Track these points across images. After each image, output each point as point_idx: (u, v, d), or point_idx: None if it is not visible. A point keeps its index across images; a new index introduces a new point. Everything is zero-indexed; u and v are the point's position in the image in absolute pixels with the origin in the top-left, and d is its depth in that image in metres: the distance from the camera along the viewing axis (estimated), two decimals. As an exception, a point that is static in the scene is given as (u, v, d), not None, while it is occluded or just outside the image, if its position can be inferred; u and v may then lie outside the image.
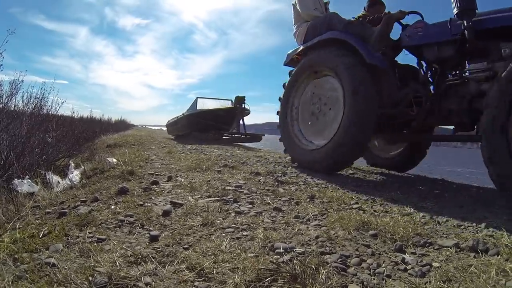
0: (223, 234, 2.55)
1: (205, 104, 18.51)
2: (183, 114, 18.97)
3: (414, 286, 1.84)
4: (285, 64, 6.54)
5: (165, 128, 23.56)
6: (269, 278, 1.82)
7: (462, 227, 2.95)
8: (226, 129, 17.17)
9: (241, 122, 17.49)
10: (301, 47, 5.95)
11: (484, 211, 3.54)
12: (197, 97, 18.39)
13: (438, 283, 1.84)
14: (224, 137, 16.86)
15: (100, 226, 2.70)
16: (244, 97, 16.49)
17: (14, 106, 6.53)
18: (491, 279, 1.83)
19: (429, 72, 5.12)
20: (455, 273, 1.95)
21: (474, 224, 3.02)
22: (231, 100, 18.38)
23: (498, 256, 2.21)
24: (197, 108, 17.94)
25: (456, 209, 3.64)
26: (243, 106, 16.51)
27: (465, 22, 4.15)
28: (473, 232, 2.79)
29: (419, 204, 3.75)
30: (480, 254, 2.25)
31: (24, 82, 6.70)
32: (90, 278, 1.81)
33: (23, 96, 6.93)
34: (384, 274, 1.99)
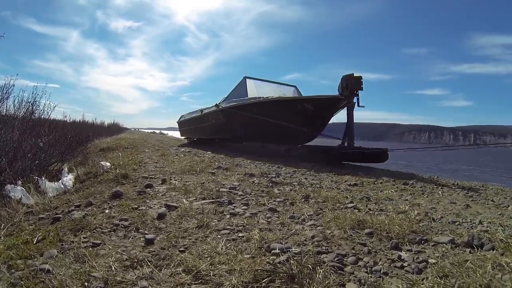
0: (219, 236, 2.54)
1: (259, 90, 11.11)
2: (216, 105, 12.26)
3: (411, 282, 1.84)
4: None
5: (158, 131, 22.82)
6: (266, 279, 1.82)
7: (456, 223, 2.97)
8: (307, 138, 9.44)
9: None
10: None
11: (477, 207, 3.56)
12: (245, 77, 11.53)
13: (435, 279, 1.84)
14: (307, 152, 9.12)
15: (94, 230, 2.68)
16: (361, 77, 8.03)
17: (6, 110, 6.48)
18: (487, 274, 1.84)
19: None
20: (452, 268, 1.96)
21: (469, 220, 3.04)
22: (295, 87, 12.38)
23: (493, 250, 2.23)
24: (249, 96, 10.69)
25: (450, 205, 3.66)
26: (357, 96, 8.15)
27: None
28: (468, 228, 2.81)
29: (414, 202, 3.77)
30: (476, 249, 2.27)
31: (15, 86, 6.65)
32: (86, 283, 1.79)
33: (14, 101, 6.87)
34: (381, 272, 2.00)
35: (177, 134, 32.58)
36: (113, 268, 1.96)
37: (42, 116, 7.85)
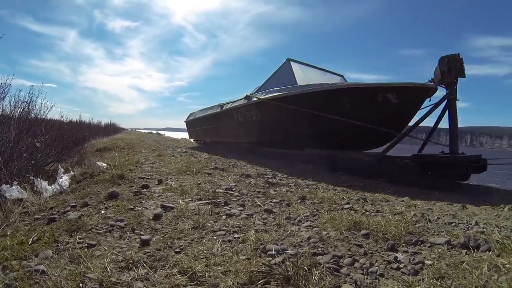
0: (215, 237, 2.54)
1: (307, 77, 8.63)
2: (248, 96, 9.60)
3: (407, 284, 1.84)
4: None
5: (155, 132, 21.90)
6: (261, 281, 1.81)
7: (453, 224, 2.97)
8: (381, 143, 6.99)
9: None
10: None
11: (474, 208, 3.57)
12: (288, 60, 9.01)
13: (431, 280, 1.84)
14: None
15: (90, 231, 2.68)
16: (458, 54, 5.58)
17: (2, 110, 6.45)
18: (484, 275, 1.85)
19: None
20: (448, 270, 1.96)
21: (465, 221, 3.04)
22: (342, 76, 10.00)
23: (489, 252, 2.23)
24: (299, 84, 8.08)
25: (446, 206, 3.67)
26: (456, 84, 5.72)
27: None
28: (464, 229, 2.81)
29: (410, 203, 3.77)
30: (472, 251, 2.27)
31: (12, 86, 6.62)
32: (81, 284, 1.79)
33: (10, 100, 6.83)
34: (377, 273, 2.00)
35: (174, 135, 32.26)
36: (108, 269, 1.95)
37: (39, 116, 7.83)
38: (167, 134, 37.46)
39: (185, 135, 28.38)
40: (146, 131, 47.36)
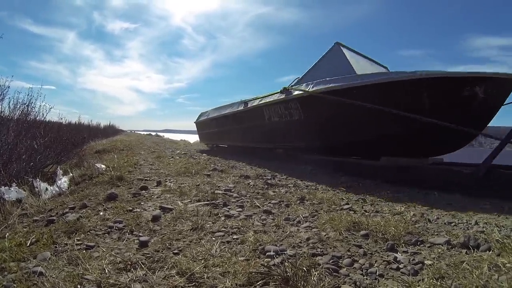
0: (213, 238, 2.53)
1: (360, 66, 7.50)
2: (286, 90, 7.81)
3: (407, 284, 1.84)
4: None
5: (154, 133, 21.18)
6: (260, 282, 1.81)
7: (452, 224, 2.97)
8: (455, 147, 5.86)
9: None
10: None
11: (473, 207, 3.56)
12: (337, 44, 7.80)
13: (431, 280, 1.84)
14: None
15: (88, 233, 2.67)
16: None
17: (0, 112, 6.45)
18: (484, 275, 1.84)
19: None
20: (448, 270, 1.96)
21: (465, 221, 3.04)
22: (387, 68, 8.84)
23: (489, 251, 2.23)
24: (357, 73, 6.75)
25: (446, 206, 3.66)
26: None
27: None
28: (463, 229, 2.80)
29: (409, 203, 3.77)
30: (472, 250, 2.27)
31: (11, 87, 6.61)
32: (79, 286, 1.78)
33: (9, 102, 6.83)
34: (377, 274, 1.99)
35: (173, 136, 32.18)
36: (106, 271, 1.94)
37: (38, 118, 7.82)
38: (166, 135, 37.44)
39: (185, 137, 28.19)
40: (145, 132, 47.33)
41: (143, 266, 2.02)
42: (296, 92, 7.26)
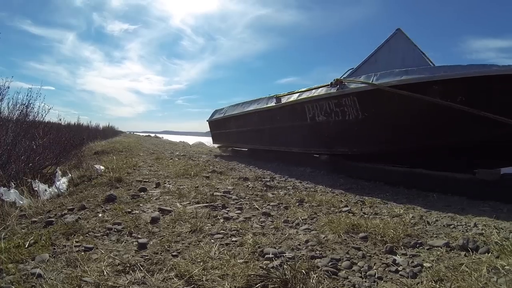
0: (212, 241, 2.53)
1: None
2: (337, 82, 6.19)
3: (406, 287, 1.84)
4: None
5: (153, 135, 20.64)
6: (259, 284, 1.80)
7: (451, 226, 2.97)
8: None
9: None
10: None
11: (472, 210, 3.56)
12: (399, 31, 7.48)
13: (430, 283, 1.84)
14: None
15: (87, 234, 2.66)
16: None
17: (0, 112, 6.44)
18: (483, 277, 1.84)
19: None
20: (447, 272, 1.96)
21: (464, 223, 3.05)
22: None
23: (488, 253, 2.24)
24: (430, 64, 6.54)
25: (444, 208, 3.66)
26: None
27: None
28: (462, 231, 2.81)
29: (408, 205, 3.77)
30: (471, 253, 2.27)
31: (10, 88, 6.59)
32: (77, 288, 1.77)
33: (8, 103, 6.81)
34: (376, 276, 1.99)
35: (172, 138, 32.05)
36: (105, 273, 1.94)
37: (37, 119, 7.81)
38: (166, 137, 37.41)
39: (184, 138, 28.11)
40: (145, 134, 47.27)
41: (141, 268, 2.02)
42: (354, 85, 5.78)
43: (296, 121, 7.35)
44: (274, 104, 8.01)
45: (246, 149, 11.23)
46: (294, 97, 7.35)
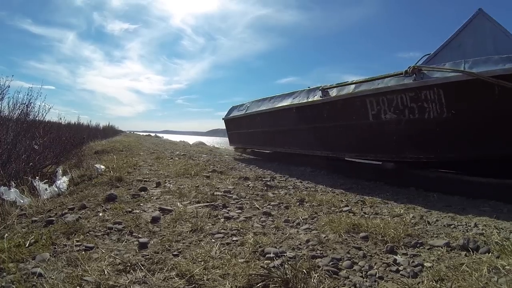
0: (213, 240, 2.53)
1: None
2: (415, 71, 4.78)
3: (406, 286, 1.84)
4: None
5: (153, 134, 20.37)
6: (260, 284, 1.80)
7: (452, 226, 2.97)
8: None
9: None
10: None
11: (473, 210, 3.56)
12: (481, 12, 7.21)
13: (431, 283, 1.84)
14: None
15: (88, 234, 2.66)
16: None
17: (0, 112, 6.44)
18: (483, 277, 1.84)
19: None
20: (447, 272, 1.96)
21: (464, 223, 3.04)
22: None
23: (489, 253, 2.24)
24: None
25: (445, 208, 3.66)
26: None
27: None
28: (463, 231, 2.81)
29: (409, 205, 3.77)
30: (471, 253, 2.27)
31: (10, 87, 6.60)
32: (78, 287, 1.77)
33: (9, 102, 6.81)
34: (376, 276, 1.99)
35: (173, 137, 32.01)
36: (106, 272, 1.94)
37: (37, 118, 7.81)
38: (166, 136, 37.44)
39: (184, 138, 28.08)
40: (145, 133, 47.32)
41: (142, 268, 2.02)
42: (438, 75, 4.60)
43: (351, 120, 5.84)
44: (320, 98, 6.39)
45: (269, 151, 9.74)
46: (348, 89, 5.84)
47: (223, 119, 11.69)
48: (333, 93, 6.16)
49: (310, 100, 6.75)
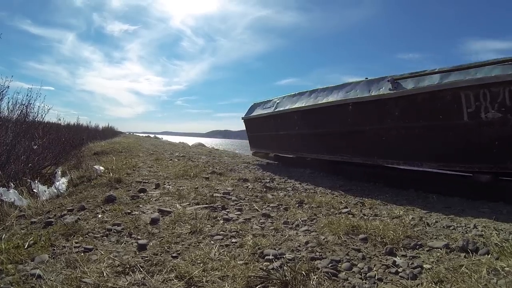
0: (212, 242, 2.53)
1: None
2: None
3: (405, 289, 1.84)
4: None
5: (153, 135, 20.04)
6: (259, 286, 1.80)
7: (451, 227, 2.97)
8: None
9: None
10: None
11: (472, 211, 3.56)
12: None
13: (430, 284, 1.84)
14: None
15: (87, 235, 2.65)
16: None
17: (-1, 112, 6.44)
18: (483, 278, 1.84)
19: None
20: (447, 274, 1.96)
21: (463, 224, 3.04)
22: None
23: (488, 255, 2.24)
24: None
25: (444, 210, 3.66)
26: None
27: None
28: (462, 232, 2.81)
29: (408, 207, 3.77)
30: (471, 254, 2.27)
31: (10, 88, 6.59)
32: (77, 289, 1.77)
33: (8, 103, 6.80)
34: (376, 278, 1.99)
35: (172, 139, 31.97)
36: (105, 274, 1.94)
37: (36, 119, 7.80)
38: (165, 138, 37.40)
39: (183, 139, 28.04)
40: (144, 134, 47.30)
41: (141, 270, 2.01)
42: None
43: (436, 119, 4.58)
44: (390, 92, 5.10)
45: (309, 158, 7.59)
46: (432, 80, 4.64)
47: (242, 118, 10.08)
48: (409, 84, 4.89)
49: (375, 94, 5.34)
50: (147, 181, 4.91)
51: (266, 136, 8.98)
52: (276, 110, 8.02)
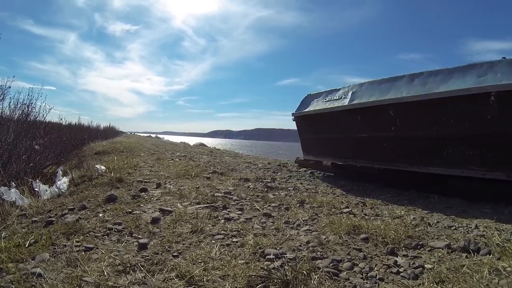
0: (213, 241, 2.52)
1: None
2: None
3: (407, 289, 1.83)
4: None
5: (154, 135, 19.80)
6: (260, 285, 1.80)
7: (453, 227, 2.96)
8: None
9: None
10: None
11: (473, 211, 3.55)
12: None
13: (431, 284, 1.83)
14: None
15: (88, 234, 2.65)
16: None
17: (1, 112, 6.43)
18: (484, 279, 1.84)
19: None
20: (448, 274, 1.95)
21: (465, 225, 3.04)
22: None
23: (489, 255, 2.23)
24: None
25: (445, 210, 3.65)
26: None
27: None
28: (464, 233, 2.80)
29: (410, 207, 3.76)
30: (472, 254, 2.27)
31: (11, 87, 6.58)
32: (77, 288, 1.77)
33: (10, 102, 6.80)
34: (377, 278, 1.98)
35: (173, 138, 31.95)
36: (105, 273, 1.93)
37: (38, 119, 7.79)
38: (166, 137, 37.46)
39: (184, 139, 28.02)
40: (145, 134, 47.39)
41: (142, 269, 2.01)
42: None
43: None
44: None
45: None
46: None
47: (293, 114, 7.30)
48: None
49: None
50: (148, 181, 4.91)
51: (333, 140, 6.24)
52: (349, 104, 5.54)
